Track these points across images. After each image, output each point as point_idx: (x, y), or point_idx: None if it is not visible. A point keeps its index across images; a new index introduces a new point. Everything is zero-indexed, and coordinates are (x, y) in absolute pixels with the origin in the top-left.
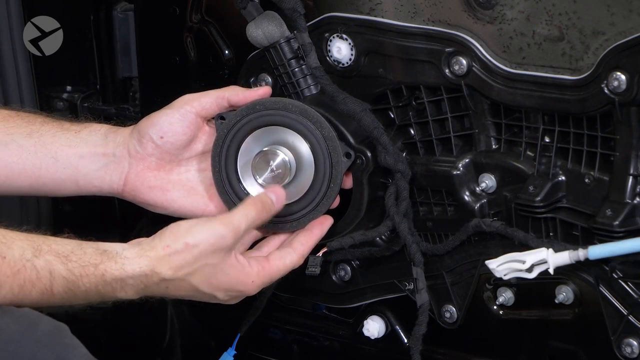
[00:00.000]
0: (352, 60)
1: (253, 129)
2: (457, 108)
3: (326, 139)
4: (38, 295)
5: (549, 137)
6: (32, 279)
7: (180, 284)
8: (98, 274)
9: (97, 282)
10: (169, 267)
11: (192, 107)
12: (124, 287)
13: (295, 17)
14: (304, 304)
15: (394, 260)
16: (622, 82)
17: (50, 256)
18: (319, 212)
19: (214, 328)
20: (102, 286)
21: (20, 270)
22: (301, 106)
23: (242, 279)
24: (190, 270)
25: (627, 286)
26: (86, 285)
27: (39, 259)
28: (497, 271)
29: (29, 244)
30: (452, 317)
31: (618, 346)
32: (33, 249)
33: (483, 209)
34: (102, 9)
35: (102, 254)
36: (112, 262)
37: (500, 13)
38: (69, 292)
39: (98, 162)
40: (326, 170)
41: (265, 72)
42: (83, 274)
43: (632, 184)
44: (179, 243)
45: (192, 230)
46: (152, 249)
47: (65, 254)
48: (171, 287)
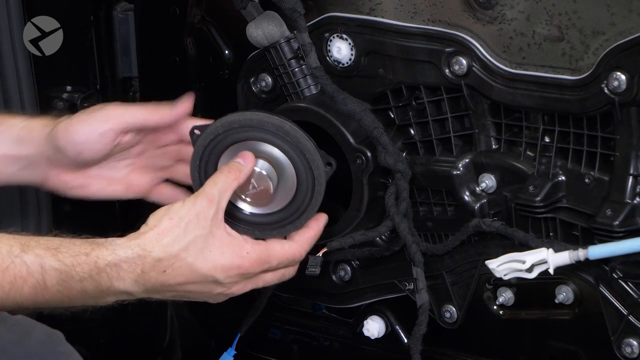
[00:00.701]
0: (352, 60)
1: (230, 144)
2: (457, 108)
3: (305, 152)
4: (30, 290)
5: (549, 137)
6: (23, 274)
7: (176, 265)
8: (90, 261)
9: (90, 270)
10: (160, 245)
11: (113, 125)
12: (120, 273)
13: (295, 17)
14: (304, 304)
15: (394, 260)
16: (622, 82)
17: (40, 250)
18: (304, 221)
19: (214, 328)
20: (97, 274)
21: (9, 266)
22: (277, 122)
23: (237, 251)
24: (181, 245)
25: (627, 286)
26: (80, 274)
27: (28, 254)
28: (497, 271)
29: (15, 241)
30: (452, 317)
31: (618, 346)
32: (21, 245)
33: (483, 209)
34: (102, 9)
35: (91, 243)
36: (102, 249)
37: (500, 13)
38: (63, 283)
39: (13, 166)
40: (308, 182)
41: (265, 72)
42: (75, 263)
43: (632, 184)
44: (163, 221)
45: (170, 208)
46: (139, 233)
47: (54, 247)
48: (169, 271)
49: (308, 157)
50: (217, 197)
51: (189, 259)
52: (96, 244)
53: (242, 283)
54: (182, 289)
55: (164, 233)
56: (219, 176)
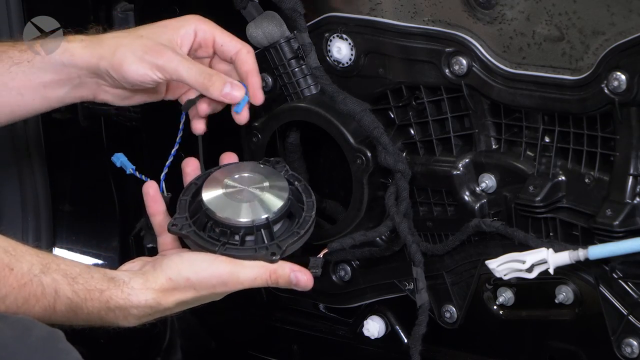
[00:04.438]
0: (352, 60)
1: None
2: (457, 108)
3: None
4: (41, 311)
5: (549, 137)
6: (37, 294)
7: (182, 309)
8: (103, 299)
9: (100, 308)
10: (173, 301)
11: (166, 77)
12: (127, 317)
13: (295, 17)
14: (304, 304)
15: (394, 260)
16: (622, 82)
17: (58, 275)
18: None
19: (214, 328)
20: (105, 312)
21: (26, 283)
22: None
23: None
24: (192, 301)
25: (627, 286)
26: (89, 309)
27: (46, 276)
28: (497, 271)
29: (38, 260)
30: (452, 317)
31: (618, 346)
32: (42, 265)
33: (483, 209)
34: (102, 9)
35: (109, 280)
36: (118, 291)
37: (500, 13)
38: (71, 312)
39: (64, 87)
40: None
41: (265, 72)
42: (88, 298)
43: (632, 184)
44: (181, 278)
45: (195, 265)
46: (155, 280)
47: (72, 276)
48: (174, 311)
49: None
50: (244, 287)
51: (194, 304)
52: (113, 282)
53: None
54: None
55: (178, 291)
56: (262, 275)
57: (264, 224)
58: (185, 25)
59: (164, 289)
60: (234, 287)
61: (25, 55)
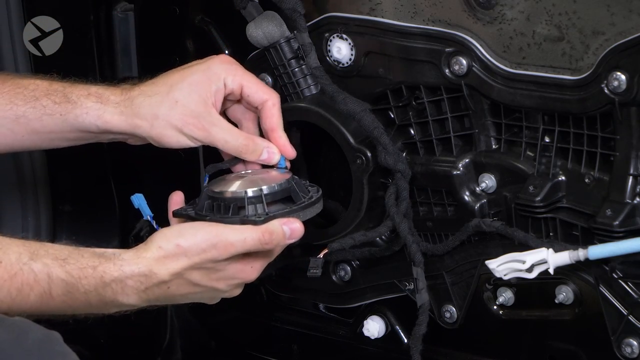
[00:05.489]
0: (352, 60)
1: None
2: (457, 108)
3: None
4: (37, 298)
5: (549, 137)
6: (30, 281)
7: (180, 282)
8: (97, 275)
9: (96, 284)
10: (165, 269)
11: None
12: (125, 289)
13: (295, 17)
14: (304, 304)
15: (394, 260)
16: (622, 82)
17: (48, 259)
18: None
19: (214, 328)
20: (102, 288)
21: (17, 273)
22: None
23: (240, 268)
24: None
25: (627, 286)
26: (85, 287)
27: (36, 263)
28: (497, 271)
29: (25, 248)
30: (452, 317)
31: (618, 346)
32: (30, 253)
33: (483, 209)
34: (102, 9)
35: (99, 256)
36: (110, 264)
37: (500, 13)
38: (69, 294)
39: (92, 139)
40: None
41: (265, 72)
42: (82, 276)
43: (632, 184)
44: (171, 244)
45: (184, 232)
46: (146, 250)
47: (62, 257)
48: (172, 286)
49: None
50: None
51: (193, 279)
52: (104, 257)
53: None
54: (184, 298)
55: (169, 258)
56: (252, 236)
57: (256, 196)
58: (214, 79)
59: (155, 257)
60: (225, 250)
61: (58, 108)
